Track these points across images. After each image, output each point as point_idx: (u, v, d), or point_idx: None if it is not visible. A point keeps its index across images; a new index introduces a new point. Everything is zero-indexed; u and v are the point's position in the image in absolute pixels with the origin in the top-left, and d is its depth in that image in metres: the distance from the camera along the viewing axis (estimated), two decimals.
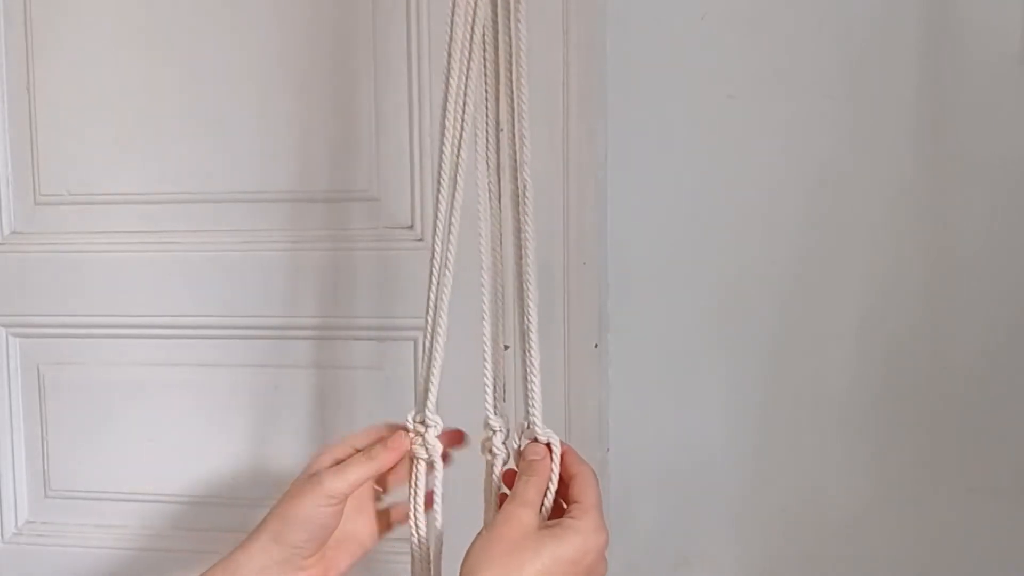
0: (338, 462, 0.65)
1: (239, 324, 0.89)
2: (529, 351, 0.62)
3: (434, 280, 0.65)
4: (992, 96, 0.82)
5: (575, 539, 0.56)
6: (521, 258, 0.63)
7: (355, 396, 0.89)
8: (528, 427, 0.63)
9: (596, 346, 0.85)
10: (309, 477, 0.64)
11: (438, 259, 0.64)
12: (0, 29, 0.90)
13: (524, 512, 0.58)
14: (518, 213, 0.64)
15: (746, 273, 0.87)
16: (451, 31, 0.63)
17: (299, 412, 0.90)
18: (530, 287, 0.63)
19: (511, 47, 0.63)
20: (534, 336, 0.63)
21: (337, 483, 0.62)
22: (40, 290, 0.92)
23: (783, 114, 0.85)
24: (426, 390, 0.65)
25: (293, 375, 0.89)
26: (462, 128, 0.64)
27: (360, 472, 0.63)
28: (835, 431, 0.87)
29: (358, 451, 0.66)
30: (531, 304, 0.63)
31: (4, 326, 0.94)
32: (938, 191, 0.83)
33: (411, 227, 0.86)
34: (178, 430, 0.92)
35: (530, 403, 0.63)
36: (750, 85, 0.85)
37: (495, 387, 0.66)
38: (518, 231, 0.64)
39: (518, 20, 0.62)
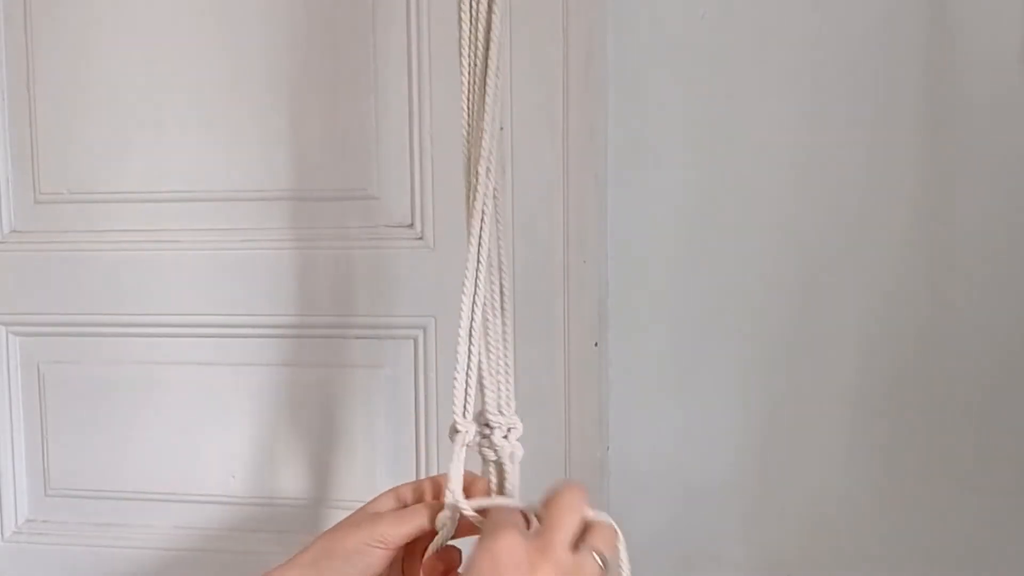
0: (403, 505, 0.63)
1: (239, 323, 0.89)
2: (482, 339, 0.61)
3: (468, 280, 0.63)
4: (992, 96, 0.82)
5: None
6: (478, 241, 0.62)
7: (356, 394, 0.89)
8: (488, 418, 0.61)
9: (596, 345, 0.85)
10: (370, 515, 0.62)
11: (472, 261, 0.62)
12: (0, 29, 0.90)
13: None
14: (475, 199, 0.61)
15: (746, 272, 0.87)
16: (460, 27, 0.62)
17: (299, 411, 0.90)
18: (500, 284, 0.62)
19: (490, 38, 0.62)
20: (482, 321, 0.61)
21: (392, 529, 0.60)
22: (40, 289, 0.92)
23: (783, 114, 0.85)
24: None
25: (293, 373, 0.89)
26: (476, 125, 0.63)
27: (418, 525, 0.61)
28: (838, 430, 0.87)
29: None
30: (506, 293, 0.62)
31: (4, 324, 0.94)
32: (939, 191, 0.83)
33: (411, 226, 0.86)
34: (178, 429, 0.92)
35: (487, 390, 0.61)
36: (750, 85, 0.85)
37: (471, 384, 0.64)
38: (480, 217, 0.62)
39: (492, 11, 0.61)
